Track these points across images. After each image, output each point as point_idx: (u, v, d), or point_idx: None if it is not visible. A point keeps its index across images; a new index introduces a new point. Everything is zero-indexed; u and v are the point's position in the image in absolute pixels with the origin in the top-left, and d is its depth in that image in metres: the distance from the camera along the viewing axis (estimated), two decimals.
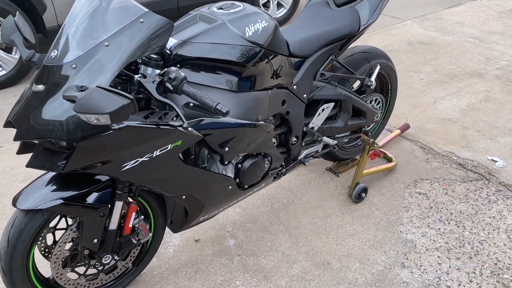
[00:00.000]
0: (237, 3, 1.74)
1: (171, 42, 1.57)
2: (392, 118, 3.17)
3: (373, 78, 2.19)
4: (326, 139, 2.15)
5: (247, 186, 1.88)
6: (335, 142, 2.18)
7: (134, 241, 1.68)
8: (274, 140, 1.96)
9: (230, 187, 1.78)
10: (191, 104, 1.51)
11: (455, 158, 2.79)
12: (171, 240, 2.17)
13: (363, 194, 2.42)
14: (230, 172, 1.80)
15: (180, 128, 1.40)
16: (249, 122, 1.65)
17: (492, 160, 2.75)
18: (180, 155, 1.61)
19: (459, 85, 3.68)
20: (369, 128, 2.47)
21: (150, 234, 1.77)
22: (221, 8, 1.69)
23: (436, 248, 2.14)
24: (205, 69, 1.58)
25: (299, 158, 2.11)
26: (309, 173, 2.67)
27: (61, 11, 3.56)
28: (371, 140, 2.33)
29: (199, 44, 1.56)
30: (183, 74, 1.38)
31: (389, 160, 2.74)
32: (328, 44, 2.00)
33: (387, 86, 2.58)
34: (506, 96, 3.49)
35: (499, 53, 4.26)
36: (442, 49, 4.39)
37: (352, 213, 2.36)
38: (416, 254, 2.11)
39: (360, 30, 2.04)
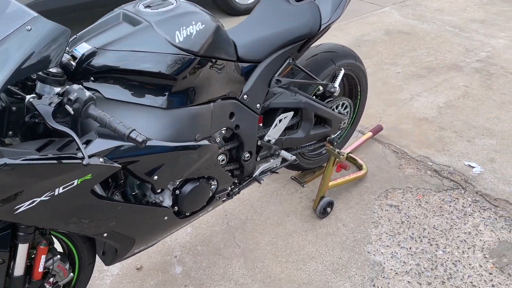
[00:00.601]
0: None
1: (84, 48, 1.30)
2: (364, 117, 2.94)
3: (337, 83, 1.94)
4: (284, 154, 1.90)
5: (188, 214, 1.63)
6: (294, 158, 1.93)
7: (48, 286, 1.42)
8: (223, 157, 1.71)
9: (165, 217, 1.52)
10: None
11: (430, 164, 2.57)
12: (110, 268, 1.91)
13: (329, 209, 2.19)
14: (167, 198, 1.54)
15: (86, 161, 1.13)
16: (182, 144, 1.39)
17: (469, 165, 2.55)
18: (98, 187, 1.35)
19: (437, 80, 3.46)
20: (335, 136, 2.23)
21: (72, 274, 1.51)
22: (149, 6, 1.41)
23: (406, 271, 1.93)
24: (126, 82, 1.31)
25: (254, 175, 1.87)
26: (272, 183, 2.43)
27: None
28: (337, 150, 2.09)
29: (118, 53, 1.29)
30: (87, 94, 1.11)
31: (359, 167, 2.51)
32: (283, 45, 1.74)
33: (355, 88, 2.33)
34: (485, 92, 3.28)
35: (479, 43, 4.04)
36: (421, 39, 4.15)
37: (316, 230, 2.14)
38: (384, 280, 1.90)
39: (321, 29, 1.78)
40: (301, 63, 2.00)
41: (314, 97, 2.06)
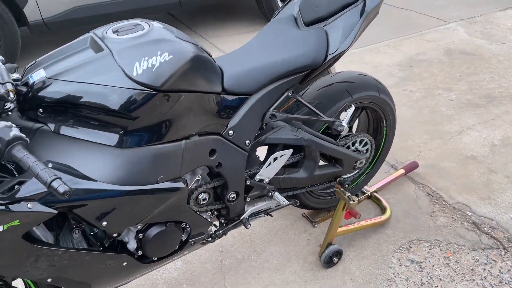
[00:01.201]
0: (144, 23, 1.30)
1: (37, 76, 1.18)
2: (401, 150, 2.63)
3: (345, 121, 1.68)
4: (277, 197, 1.68)
5: (155, 259, 1.46)
6: (287, 203, 1.70)
7: None
8: (205, 196, 1.53)
9: (124, 263, 1.37)
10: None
11: (469, 214, 2.21)
12: None
13: (335, 259, 1.93)
14: (132, 240, 1.39)
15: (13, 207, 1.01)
16: (135, 188, 1.23)
17: None
18: (39, 230, 1.23)
19: (496, 111, 3.03)
20: (349, 176, 1.96)
21: None
22: (117, 31, 1.27)
23: None
24: (77, 117, 1.18)
25: (242, 218, 1.67)
26: (280, 219, 2.21)
27: (44, 4, 3.26)
28: (347, 194, 1.83)
29: (69, 84, 1.15)
30: (12, 134, 0.99)
31: (382, 209, 2.22)
32: (281, 77, 1.52)
33: (380, 123, 2.05)
34: None
35: None
36: (486, 61, 3.69)
37: (318, 282, 1.89)
38: None
39: (327, 60, 1.54)
40: (310, 94, 1.77)
41: (323, 133, 1.82)
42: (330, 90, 1.78)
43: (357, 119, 1.98)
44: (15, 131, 1.00)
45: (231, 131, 1.47)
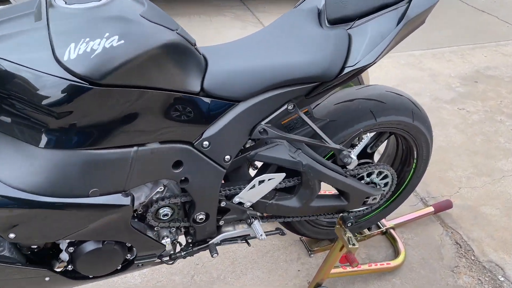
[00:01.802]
0: None
1: None
2: (437, 181, 2.24)
3: (355, 152, 1.33)
4: (255, 227, 1.38)
5: (91, 276, 1.23)
6: (265, 237, 1.39)
7: None
8: (168, 211, 1.27)
9: (47, 278, 1.15)
10: None
11: (501, 278, 1.81)
12: None
13: None
14: (63, 251, 1.16)
15: None
16: (52, 201, 0.98)
17: None
18: None
19: None
20: (355, 212, 1.62)
21: None
22: None
23: None
24: None
25: (210, 243, 1.39)
26: (274, 238, 1.92)
27: None
28: (348, 234, 1.50)
29: None
30: None
31: (395, 251, 1.87)
32: (281, 85, 1.19)
33: (410, 153, 1.67)
34: None
35: None
36: None
37: None
38: None
39: (342, 73, 1.18)
40: (324, 108, 1.44)
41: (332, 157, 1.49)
42: (350, 107, 1.43)
43: (381, 143, 1.63)
44: None
45: (206, 142, 1.18)
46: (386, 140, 1.68)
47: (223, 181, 1.35)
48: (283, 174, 1.34)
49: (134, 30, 0.96)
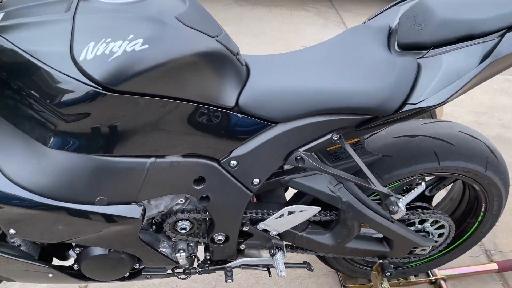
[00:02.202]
0: None
1: None
2: (509, 233, 1.96)
3: (403, 201, 1.14)
4: (277, 261, 1.24)
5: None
6: (284, 275, 1.24)
7: None
8: (186, 224, 1.18)
9: (50, 275, 1.11)
10: None
11: None
12: None
13: None
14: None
15: None
16: (53, 204, 0.92)
17: None
18: None
19: None
20: (395, 260, 1.42)
21: None
22: None
23: None
24: (8, 91, 0.88)
25: (226, 266, 1.28)
26: None
27: None
28: (385, 286, 1.32)
29: (6, 44, 0.85)
30: None
31: None
32: (328, 112, 1.04)
33: (478, 205, 1.43)
34: None
35: None
36: None
37: None
38: None
39: (402, 110, 1.00)
40: (380, 140, 1.25)
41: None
42: (411, 144, 1.24)
43: (444, 187, 1.41)
44: None
45: (234, 161, 1.06)
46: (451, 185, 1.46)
47: (254, 200, 1.24)
48: (318, 208, 1.19)
49: (163, 35, 0.85)
